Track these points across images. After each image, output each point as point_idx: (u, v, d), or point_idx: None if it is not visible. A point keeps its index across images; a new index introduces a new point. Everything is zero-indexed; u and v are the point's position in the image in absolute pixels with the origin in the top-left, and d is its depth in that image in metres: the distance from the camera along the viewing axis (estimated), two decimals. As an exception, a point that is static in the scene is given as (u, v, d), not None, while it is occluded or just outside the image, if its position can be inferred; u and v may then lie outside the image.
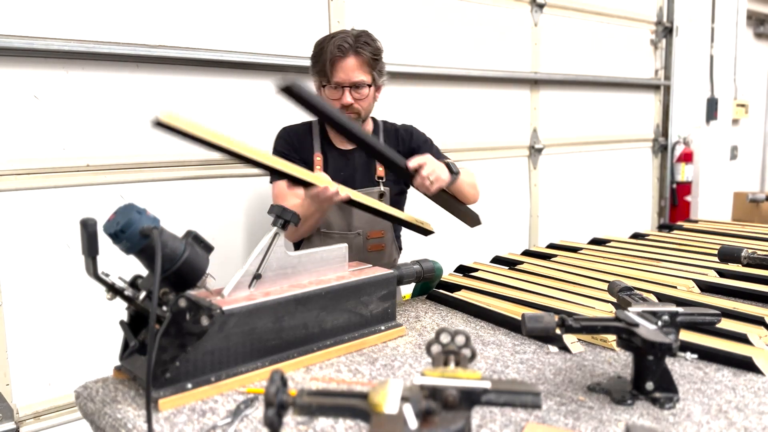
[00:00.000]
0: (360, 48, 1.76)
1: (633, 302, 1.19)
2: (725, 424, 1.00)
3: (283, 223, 1.31)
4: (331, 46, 1.74)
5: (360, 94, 1.79)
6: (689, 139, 4.39)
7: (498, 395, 0.79)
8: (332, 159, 1.89)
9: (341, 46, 1.74)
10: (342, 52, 1.74)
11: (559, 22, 3.55)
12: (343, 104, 1.77)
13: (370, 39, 1.80)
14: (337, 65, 1.75)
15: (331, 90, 1.78)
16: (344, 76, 1.76)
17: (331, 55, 1.74)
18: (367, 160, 1.91)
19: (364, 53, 1.77)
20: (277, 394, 0.73)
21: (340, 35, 1.77)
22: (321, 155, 1.88)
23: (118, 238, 1.02)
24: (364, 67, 1.78)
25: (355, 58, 1.76)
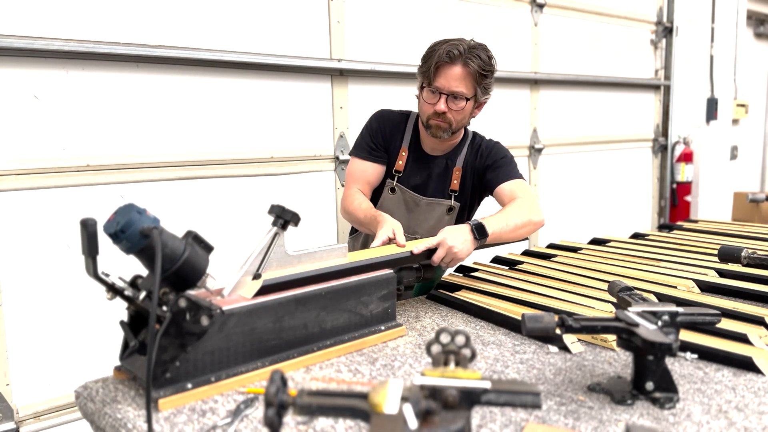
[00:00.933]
0: (470, 59, 1.72)
1: (633, 302, 1.19)
2: (725, 424, 1.00)
3: (283, 223, 1.31)
4: (441, 50, 1.72)
5: (456, 105, 1.75)
6: (689, 139, 4.38)
7: (498, 395, 0.79)
8: (414, 159, 1.90)
9: (451, 53, 1.71)
10: (450, 59, 1.71)
11: (559, 22, 3.55)
12: (436, 110, 1.75)
13: (484, 53, 1.77)
14: (441, 70, 1.72)
15: (429, 93, 1.76)
16: (445, 83, 1.73)
17: (438, 59, 1.71)
18: (445, 171, 1.90)
19: (472, 65, 1.72)
20: (277, 394, 0.73)
21: (455, 41, 1.75)
22: (407, 151, 1.89)
23: (118, 238, 1.02)
24: (468, 78, 1.73)
25: (461, 68, 1.72)
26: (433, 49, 1.77)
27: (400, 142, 1.89)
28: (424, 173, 1.89)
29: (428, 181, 1.89)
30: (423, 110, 1.81)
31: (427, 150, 1.90)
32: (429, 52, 1.78)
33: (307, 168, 2.62)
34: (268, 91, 2.45)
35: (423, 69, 1.78)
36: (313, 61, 2.52)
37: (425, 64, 1.78)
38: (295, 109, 2.53)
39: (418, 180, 1.89)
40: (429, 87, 1.75)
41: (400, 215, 1.85)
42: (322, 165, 2.65)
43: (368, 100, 2.76)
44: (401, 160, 1.88)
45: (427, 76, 1.76)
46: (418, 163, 1.89)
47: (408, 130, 1.90)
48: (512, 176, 1.86)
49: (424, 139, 1.89)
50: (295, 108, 2.53)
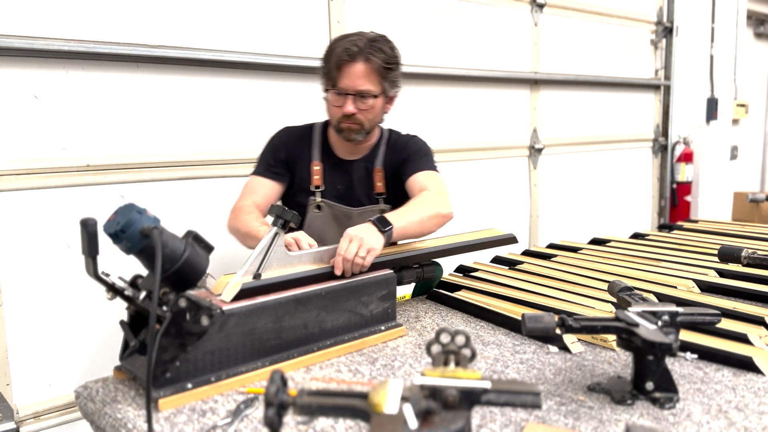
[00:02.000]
0: (371, 54, 1.62)
1: (633, 302, 1.19)
2: (725, 424, 1.00)
3: (283, 223, 1.31)
4: (339, 49, 1.61)
5: (365, 104, 1.65)
6: (689, 139, 4.38)
7: (498, 395, 0.79)
8: (332, 170, 1.77)
9: (350, 50, 1.60)
10: (350, 56, 1.60)
11: (559, 22, 3.55)
12: (344, 113, 1.64)
13: (385, 45, 1.66)
14: (344, 70, 1.61)
15: (335, 95, 1.65)
16: (349, 83, 1.62)
17: (338, 58, 1.61)
18: (366, 174, 1.78)
19: (375, 60, 1.62)
20: (277, 394, 0.73)
21: (352, 37, 1.65)
22: (320, 164, 1.76)
23: (118, 238, 1.02)
24: (372, 75, 1.63)
25: (364, 65, 1.61)
26: (331, 48, 1.66)
27: (308, 156, 1.76)
28: (345, 181, 1.77)
29: (351, 189, 1.77)
30: (332, 114, 1.70)
31: (343, 156, 1.78)
32: (328, 52, 1.67)
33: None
34: (268, 91, 2.45)
35: (324, 70, 1.67)
36: (314, 62, 2.51)
37: (326, 64, 1.66)
38: (295, 109, 2.53)
39: (341, 189, 1.76)
40: (334, 89, 1.64)
41: (332, 232, 1.71)
42: (322, 165, 2.65)
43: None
44: (316, 175, 1.74)
45: (330, 77, 1.64)
46: (335, 171, 1.76)
47: (315, 142, 1.78)
48: (423, 167, 1.75)
49: (337, 146, 1.78)
50: (295, 108, 2.53)
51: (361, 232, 1.42)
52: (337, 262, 1.36)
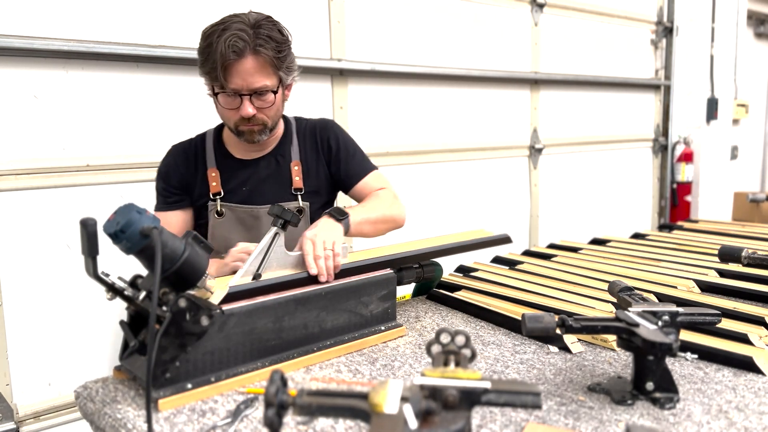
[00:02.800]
0: (260, 45, 1.41)
1: (633, 302, 1.19)
2: (725, 424, 1.00)
3: (283, 223, 1.31)
4: (222, 46, 1.39)
5: (264, 101, 1.47)
6: (689, 139, 4.38)
7: (498, 395, 0.78)
8: (232, 172, 1.61)
9: (235, 45, 1.39)
10: (237, 54, 1.39)
11: (559, 22, 3.55)
12: (242, 116, 1.47)
13: (271, 30, 1.45)
14: (232, 69, 1.41)
15: (227, 98, 1.46)
16: (242, 83, 1.42)
17: (223, 56, 1.39)
18: (278, 170, 1.62)
19: (266, 51, 1.42)
20: (277, 394, 0.73)
21: (233, 27, 1.40)
22: (216, 170, 1.59)
23: (118, 238, 1.02)
24: (266, 69, 1.44)
25: (254, 60, 1.42)
26: (209, 43, 1.42)
27: (203, 166, 1.60)
28: (251, 181, 1.61)
29: (260, 188, 1.60)
30: (227, 117, 1.52)
31: (244, 156, 1.62)
32: (206, 48, 1.43)
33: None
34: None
35: (206, 69, 1.44)
36: (313, 61, 2.52)
37: (206, 62, 1.43)
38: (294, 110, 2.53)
39: (246, 191, 1.60)
40: (224, 91, 1.45)
41: (240, 237, 1.56)
42: (322, 165, 2.65)
43: (368, 100, 2.76)
44: (213, 182, 1.58)
45: (215, 78, 1.43)
46: (237, 173, 1.61)
47: (208, 149, 1.62)
48: (368, 168, 1.69)
49: (235, 146, 1.62)
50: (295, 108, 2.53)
51: (317, 229, 1.37)
52: (308, 263, 1.30)
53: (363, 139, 2.74)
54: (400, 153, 2.89)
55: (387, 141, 2.84)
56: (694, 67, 4.39)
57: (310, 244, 1.33)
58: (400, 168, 2.89)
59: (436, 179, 3.05)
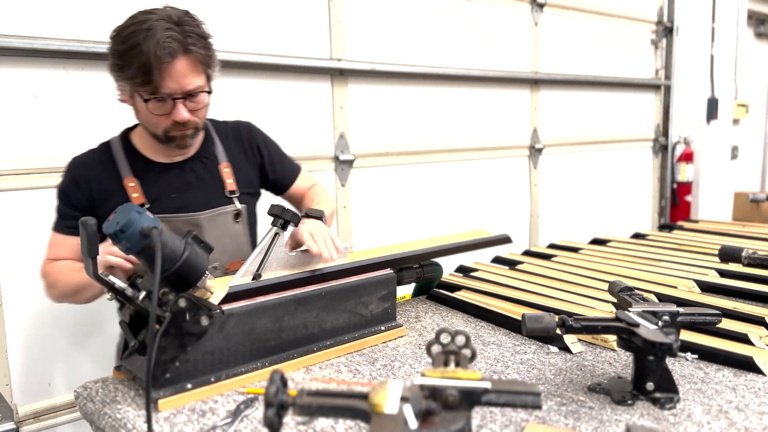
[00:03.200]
0: (191, 44, 1.31)
1: (633, 302, 1.19)
2: (726, 425, 1.00)
3: (283, 223, 1.31)
4: (151, 47, 1.26)
5: (197, 103, 1.36)
6: (690, 138, 4.38)
7: (498, 395, 0.78)
8: (156, 178, 1.44)
9: (168, 47, 1.27)
10: (171, 55, 1.28)
11: (559, 21, 3.55)
12: (176, 120, 1.35)
13: (196, 26, 1.36)
14: (165, 72, 1.28)
15: (158, 103, 1.33)
16: (176, 86, 1.31)
17: (155, 59, 1.26)
18: (207, 171, 1.50)
19: (197, 50, 1.32)
20: (277, 395, 0.73)
21: (159, 27, 1.28)
22: (135, 179, 1.43)
23: (118, 238, 1.02)
24: (197, 68, 1.34)
25: (186, 60, 1.31)
26: (132, 45, 1.27)
27: (117, 177, 1.43)
28: (179, 186, 1.46)
29: (191, 193, 1.47)
30: (154, 123, 1.37)
31: (165, 159, 1.47)
32: (128, 51, 1.28)
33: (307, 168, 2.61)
34: (268, 91, 2.45)
35: (129, 74, 1.29)
36: (313, 61, 2.52)
37: (129, 66, 1.28)
38: (294, 109, 2.53)
39: (176, 199, 1.45)
40: (155, 96, 1.31)
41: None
42: (322, 165, 2.65)
43: (368, 100, 2.76)
44: (136, 193, 1.41)
45: (144, 83, 1.29)
46: (161, 180, 1.45)
47: (118, 158, 1.45)
48: (297, 168, 1.72)
49: (152, 150, 1.47)
50: (295, 108, 2.53)
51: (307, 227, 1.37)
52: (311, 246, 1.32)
53: (363, 139, 2.74)
54: (400, 153, 2.89)
55: (387, 141, 2.84)
56: (694, 67, 4.39)
57: (308, 234, 1.35)
58: (400, 168, 2.89)
59: (436, 179, 3.05)
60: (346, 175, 2.70)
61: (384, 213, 2.85)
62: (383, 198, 2.81)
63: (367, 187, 2.80)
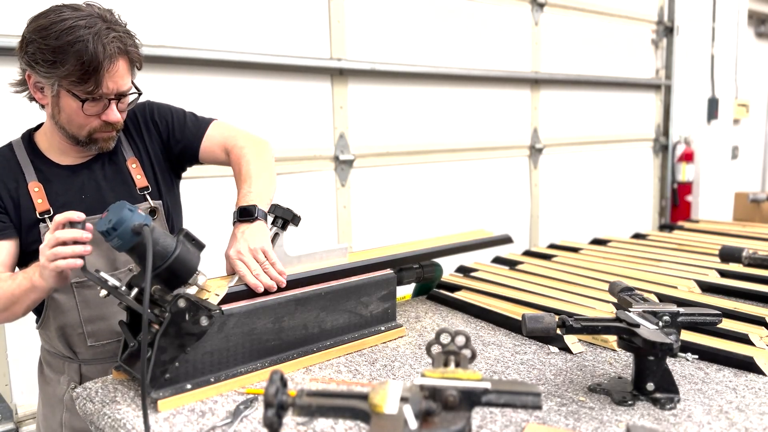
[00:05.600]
0: (130, 46, 1.29)
1: (634, 302, 1.19)
2: (726, 425, 0.99)
3: (283, 223, 1.30)
4: (97, 46, 1.22)
5: (124, 104, 1.33)
6: (690, 138, 4.38)
7: (498, 396, 0.78)
8: (62, 182, 1.36)
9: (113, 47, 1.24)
10: (114, 56, 1.25)
11: (559, 21, 3.55)
12: (108, 121, 1.30)
13: (121, 24, 1.32)
14: (106, 73, 1.24)
15: (93, 104, 1.28)
16: (113, 86, 1.27)
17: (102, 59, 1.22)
18: (115, 169, 1.41)
19: (133, 51, 1.30)
20: (276, 395, 0.73)
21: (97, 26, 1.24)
22: (38, 184, 1.33)
23: (110, 236, 1.02)
24: (130, 69, 1.31)
25: (124, 61, 1.27)
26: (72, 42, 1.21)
27: (22, 181, 1.34)
28: (88, 188, 1.38)
29: (101, 195, 1.38)
30: (82, 124, 1.30)
31: (71, 161, 1.39)
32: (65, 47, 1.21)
33: (306, 168, 2.62)
34: (268, 90, 2.45)
35: (64, 72, 1.22)
36: (313, 61, 2.52)
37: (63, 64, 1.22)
38: (294, 109, 2.53)
39: (87, 199, 1.36)
40: (91, 95, 1.26)
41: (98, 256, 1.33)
42: (322, 165, 2.65)
43: (368, 100, 2.76)
44: (40, 198, 1.32)
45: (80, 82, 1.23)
46: (67, 184, 1.37)
47: (23, 162, 1.36)
48: (206, 122, 1.50)
49: (56, 152, 1.38)
50: (295, 108, 2.53)
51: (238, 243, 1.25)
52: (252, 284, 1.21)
53: (363, 138, 2.74)
54: (400, 153, 2.89)
55: (387, 141, 2.84)
56: (694, 67, 4.39)
57: (240, 264, 1.23)
58: (400, 168, 2.89)
59: (436, 179, 3.04)
60: (346, 175, 2.70)
61: (384, 213, 2.85)
62: (383, 198, 2.81)
63: (367, 187, 2.80)
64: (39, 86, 1.29)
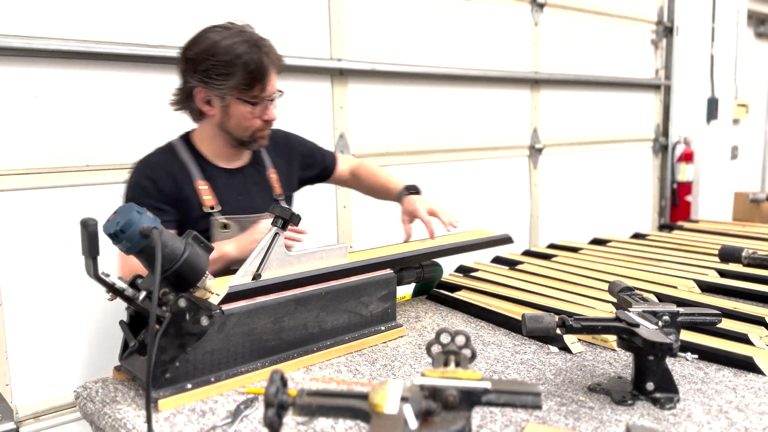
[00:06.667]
0: (278, 54, 1.55)
1: (633, 302, 1.19)
2: (726, 425, 1.00)
3: (283, 223, 1.31)
4: (262, 57, 1.47)
5: (275, 105, 1.57)
6: (690, 138, 4.38)
7: (498, 395, 0.78)
8: (223, 182, 1.57)
9: (270, 57, 1.50)
10: (271, 64, 1.50)
11: (559, 21, 3.55)
12: (269, 119, 1.55)
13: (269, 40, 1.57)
14: (269, 78, 1.50)
15: (257, 107, 1.52)
16: (272, 89, 1.53)
17: (263, 66, 1.47)
18: (260, 177, 1.66)
19: (278, 58, 1.55)
20: (277, 395, 0.73)
21: (257, 40, 1.50)
22: (206, 182, 1.54)
23: (118, 238, 1.02)
24: (276, 76, 1.56)
25: (274, 69, 1.53)
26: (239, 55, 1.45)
27: (189, 179, 1.53)
28: (242, 190, 1.60)
29: (251, 197, 1.61)
30: (246, 126, 1.53)
31: (225, 165, 1.61)
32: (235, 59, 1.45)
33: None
34: (268, 91, 2.45)
35: (235, 82, 1.46)
36: (313, 61, 2.52)
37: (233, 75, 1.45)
38: (294, 109, 2.53)
39: (242, 201, 1.58)
40: (256, 100, 1.50)
41: None
42: (323, 165, 2.65)
43: (368, 100, 2.75)
44: (207, 195, 1.53)
45: (247, 88, 1.47)
46: (228, 183, 1.59)
47: (188, 161, 1.56)
48: (333, 153, 1.92)
49: (217, 156, 1.59)
50: (295, 108, 2.53)
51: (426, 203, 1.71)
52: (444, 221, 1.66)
53: (363, 138, 2.74)
54: (400, 153, 2.89)
55: (387, 141, 2.84)
56: (694, 67, 4.39)
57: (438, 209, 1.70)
58: (400, 168, 2.89)
59: (436, 179, 3.04)
60: (346, 175, 2.70)
61: (384, 213, 2.85)
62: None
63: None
64: (206, 100, 1.51)
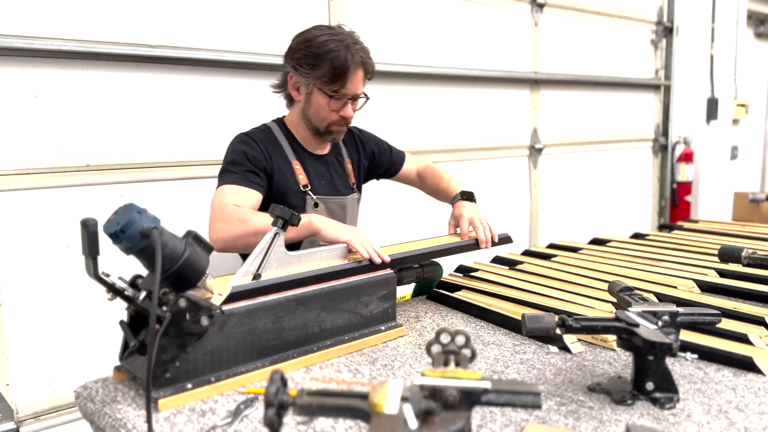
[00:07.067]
0: (367, 60, 1.65)
1: (633, 302, 1.19)
2: (725, 425, 1.00)
3: (283, 223, 1.30)
4: (348, 56, 1.59)
5: (356, 106, 1.70)
6: (689, 139, 4.38)
7: (498, 395, 0.78)
8: (311, 166, 1.76)
9: (357, 59, 1.61)
10: (357, 65, 1.62)
11: (559, 21, 3.55)
12: (343, 116, 1.67)
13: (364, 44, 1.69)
14: (352, 77, 1.62)
15: (336, 101, 1.64)
16: (353, 89, 1.64)
17: (348, 64, 1.59)
18: (339, 166, 1.83)
19: (369, 64, 1.66)
20: (277, 394, 0.73)
21: (348, 39, 1.62)
22: (299, 162, 1.72)
23: (118, 238, 1.01)
24: (364, 78, 1.68)
25: (361, 71, 1.65)
26: (329, 51, 1.59)
27: (285, 157, 1.71)
28: (326, 175, 1.79)
29: (334, 181, 1.79)
30: (323, 117, 1.67)
31: (315, 151, 1.78)
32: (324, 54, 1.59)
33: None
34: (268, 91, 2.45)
35: (321, 73, 1.60)
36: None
37: (320, 67, 1.60)
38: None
39: (324, 185, 1.76)
40: (336, 93, 1.63)
41: None
42: (322, 165, 2.65)
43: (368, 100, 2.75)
44: (301, 174, 1.71)
45: (331, 82, 1.61)
46: (316, 168, 1.76)
47: (284, 143, 1.73)
48: (402, 153, 2.04)
49: (307, 142, 1.76)
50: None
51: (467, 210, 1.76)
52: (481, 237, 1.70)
53: (363, 139, 2.75)
54: (400, 153, 2.89)
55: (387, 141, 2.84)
56: (694, 67, 4.39)
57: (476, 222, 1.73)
58: (400, 168, 2.89)
59: (436, 179, 3.04)
60: (346, 175, 2.70)
61: (384, 212, 2.85)
62: (383, 198, 2.81)
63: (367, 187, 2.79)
64: (296, 86, 1.68)
